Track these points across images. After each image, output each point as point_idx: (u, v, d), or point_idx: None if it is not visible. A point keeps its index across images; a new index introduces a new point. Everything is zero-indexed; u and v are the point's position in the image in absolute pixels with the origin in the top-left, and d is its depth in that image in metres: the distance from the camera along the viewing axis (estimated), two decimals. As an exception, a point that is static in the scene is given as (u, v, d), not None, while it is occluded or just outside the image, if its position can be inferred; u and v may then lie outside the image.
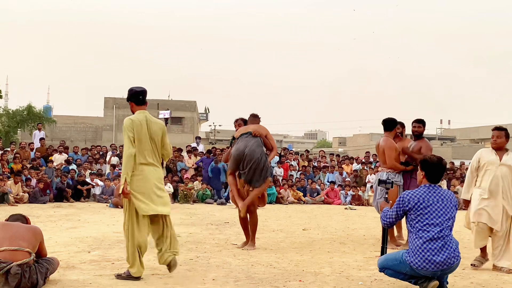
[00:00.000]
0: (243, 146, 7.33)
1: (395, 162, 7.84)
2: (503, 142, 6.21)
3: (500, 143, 6.19)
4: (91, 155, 19.72)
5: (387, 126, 8.05)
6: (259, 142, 7.42)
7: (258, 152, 7.28)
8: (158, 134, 5.42)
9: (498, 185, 6.09)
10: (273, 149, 7.67)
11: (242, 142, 7.40)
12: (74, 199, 16.29)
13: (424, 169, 4.85)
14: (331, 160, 22.06)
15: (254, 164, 7.23)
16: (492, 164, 6.17)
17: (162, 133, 5.45)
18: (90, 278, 5.23)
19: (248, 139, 7.40)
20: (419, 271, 4.60)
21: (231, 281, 5.26)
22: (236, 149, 7.39)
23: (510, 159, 6.14)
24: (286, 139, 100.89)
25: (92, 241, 7.82)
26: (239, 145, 7.40)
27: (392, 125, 8.05)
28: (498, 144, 6.19)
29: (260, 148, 7.37)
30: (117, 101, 46.90)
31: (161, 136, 5.45)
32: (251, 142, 7.35)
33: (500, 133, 6.20)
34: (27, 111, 43.70)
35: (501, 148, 6.20)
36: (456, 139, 64.24)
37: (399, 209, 4.81)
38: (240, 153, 7.30)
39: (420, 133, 8.09)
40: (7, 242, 4.72)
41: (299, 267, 6.10)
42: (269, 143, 7.61)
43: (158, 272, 5.61)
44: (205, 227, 10.01)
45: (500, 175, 6.10)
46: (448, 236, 4.63)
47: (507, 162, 6.13)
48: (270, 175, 7.56)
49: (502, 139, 6.19)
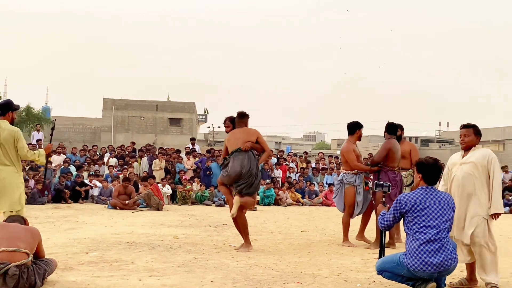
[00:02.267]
0: (239, 168, 7.32)
1: (357, 163, 8.25)
2: (472, 140, 5.43)
3: (469, 142, 5.43)
4: (89, 156, 19.71)
5: (350, 130, 8.41)
6: (252, 157, 7.42)
7: (253, 169, 7.39)
8: (8, 140, 6.24)
9: (458, 187, 5.35)
10: (265, 152, 7.65)
11: (237, 162, 7.36)
12: (73, 200, 16.28)
13: (421, 171, 4.87)
14: (330, 162, 22.09)
15: (249, 179, 7.37)
16: (454, 165, 5.50)
17: (13, 139, 6.27)
18: (88, 279, 5.23)
19: (242, 157, 7.36)
20: (416, 273, 4.61)
21: (229, 283, 5.26)
22: (233, 170, 7.35)
23: (473, 155, 5.37)
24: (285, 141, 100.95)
25: (90, 242, 7.82)
26: (234, 166, 7.36)
27: (354, 128, 8.37)
28: (466, 143, 5.44)
29: (254, 163, 7.42)
30: (116, 103, 46.93)
31: (12, 142, 6.26)
32: (245, 161, 7.34)
33: (467, 130, 5.45)
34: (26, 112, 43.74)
35: (471, 147, 5.44)
36: (454, 141, 64.24)
37: (396, 212, 4.82)
38: (237, 173, 7.34)
39: (400, 136, 8.63)
40: (5, 243, 4.71)
41: (297, 269, 6.09)
42: (260, 147, 7.58)
43: (156, 274, 5.61)
44: (203, 229, 10.00)
45: (461, 176, 5.34)
46: (445, 238, 4.64)
47: (468, 159, 5.37)
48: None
49: (471, 137, 5.43)
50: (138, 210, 14.42)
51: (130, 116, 46.76)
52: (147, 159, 19.30)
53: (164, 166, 18.86)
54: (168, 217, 12.33)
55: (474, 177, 5.30)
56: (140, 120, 46.93)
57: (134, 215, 13.04)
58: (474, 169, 5.32)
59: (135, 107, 47.06)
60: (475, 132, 5.45)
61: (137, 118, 46.93)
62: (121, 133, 45.68)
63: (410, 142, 9.48)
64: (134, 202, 14.89)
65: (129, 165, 18.75)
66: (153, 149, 20.71)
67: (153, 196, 14.68)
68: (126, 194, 15.06)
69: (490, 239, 5.23)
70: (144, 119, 46.91)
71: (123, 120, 46.63)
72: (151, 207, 14.58)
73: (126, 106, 46.93)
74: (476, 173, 5.30)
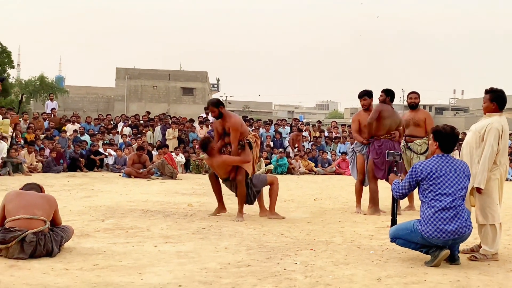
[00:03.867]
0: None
1: (355, 133, 8.44)
2: (487, 106, 5.27)
3: (484, 108, 5.33)
4: (104, 126, 19.81)
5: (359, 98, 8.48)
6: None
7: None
8: None
9: (462, 155, 5.30)
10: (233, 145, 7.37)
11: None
12: (88, 169, 16.44)
13: (437, 139, 4.82)
14: (343, 130, 22.02)
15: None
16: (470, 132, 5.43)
17: None
18: (105, 246, 5.30)
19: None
20: (430, 240, 4.61)
21: (243, 250, 5.31)
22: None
23: (479, 123, 5.27)
24: (298, 110, 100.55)
25: (106, 210, 7.91)
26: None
27: (359, 97, 8.42)
28: (483, 109, 5.36)
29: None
30: (128, 72, 46.86)
31: None
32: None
33: (485, 96, 5.33)
34: (40, 81, 43.88)
35: (486, 113, 5.29)
36: (469, 109, 63.68)
37: (412, 180, 4.80)
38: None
39: (415, 104, 8.66)
40: (22, 210, 4.78)
41: (310, 236, 6.13)
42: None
43: (171, 241, 5.67)
44: (217, 197, 10.06)
45: (467, 141, 5.30)
46: (460, 206, 4.63)
47: (472, 128, 5.32)
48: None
49: (486, 104, 5.30)
50: (152, 178, 14.54)
51: (143, 85, 46.74)
52: (161, 128, 19.36)
53: (178, 135, 18.92)
54: (182, 186, 12.42)
55: (471, 146, 5.21)
56: (153, 89, 46.90)
57: (148, 183, 13.16)
58: (472, 138, 5.23)
59: (148, 76, 46.98)
60: (491, 98, 5.27)
61: (150, 87, 46.90)
62: (134, 102, 45.74)
63: (424, 111, 9.35)
64: (148, 171, 15.01)
65: (142, 134, 18.84)
66: (166, 118, 20.76)
67: (167, 165, 14.78)
68: (140, 163, 15.17)
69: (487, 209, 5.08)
70: (157, 89, 46.87)
71: (136, 90, 46.64)
72: (165, 175, 14.69)
73: (139, 75, 46.87)
74: (473, 142, 5.20)
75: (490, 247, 5.06)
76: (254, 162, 7.63)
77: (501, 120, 5.18)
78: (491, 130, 5.09)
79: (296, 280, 4.18)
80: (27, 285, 3.87)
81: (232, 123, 7.33)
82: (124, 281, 4.03)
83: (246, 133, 7.53)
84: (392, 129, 8.09)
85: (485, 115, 5.32)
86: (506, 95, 5.35)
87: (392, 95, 8.24)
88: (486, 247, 5.08)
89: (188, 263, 4.70)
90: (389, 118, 8.04)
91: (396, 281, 4.21)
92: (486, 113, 5.29)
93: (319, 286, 4.02)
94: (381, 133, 8.05)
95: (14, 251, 4.60)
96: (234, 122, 7.34)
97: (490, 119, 5.19)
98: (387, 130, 8.05)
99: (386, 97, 8.16)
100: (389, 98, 8.18)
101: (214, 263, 4.71)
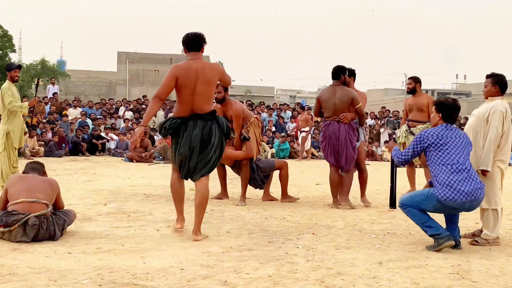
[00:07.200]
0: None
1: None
2: (489, 91, 5.26)
3: (485, 92, 5.31)
4: (106, 110, 19.78)
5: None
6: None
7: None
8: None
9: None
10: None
11: None
12: (89, 153, 16.46)
13: (441, 111, 4.91)
14: (345, 115, 21.91)
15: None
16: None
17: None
18: (107, 230, 5.32)
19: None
20: (447, 203, 4.62)
21: (245, 234, 5.32)
22: None
23: (482, 107, 5.28)
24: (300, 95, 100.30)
25: (108, 194, 7.93)
26: None
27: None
28: (485, 94, 5.34)
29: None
30: (130, 56, 46.77)
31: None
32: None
33: (486, 80, 5.31)
34: (41, 65, 43.84)
35: (488, 97, 5.30)
36: (471, 94, 63.47)
37: (417, 146, 4.88)
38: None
39: (410, 89, 8.51)
40: (24, 194, 4.79)
41: (312, 221, 6.15)
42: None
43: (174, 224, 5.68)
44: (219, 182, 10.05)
45: (466, 128, 5.34)
46: (471, 169, 4.71)
47: (475, 112, 5.30)
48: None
49: (488, 87, 5.27)
50: (154, 163, 14.55)
51: (145, 69, 46.65)
52: (163, 112, 19.34)
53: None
54: (184, 170, 12.40)
55: (474, 130, 5.20)
56: (154, 73, 46.79)
57: (150, 168, 13.17)
58: (475, 122, 5.22)
59: (150, 60, 46.85)
60: (492, 82, 5.25)
61: (152, 71, 46.79)
62: (136, 86, 45.69)
63: (428, 95, 9.33)
64: (150, 155, 15.02)
65: (144, 119, 18.81)
66: (169, 102, 20.71)
67: (169, 149, 14.76)
68: (142, 147, 15.18)
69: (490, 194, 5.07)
70: (159, 73, 46.75)
71: (137, 74, 46.57)
72: (167, 160, 14.70)
73: (141, 60, 46.77)
74: (477, 126, 5.18)
75: (491, 232, 5.08)
76: (258, 144, 7.62)
77: (503, 103, 5.20)
78: (495, 112, 5.10)
79: (298, 264, 4.19)
80: (30, 268, 3.89)
81: (234, 110, 7.32)
82: (126, 265, 4.05)
83: (249, 116, 7.52)
84: (340, 110, 7.12)
85: (486, 99, 5.32)
86: (507, 80, 5.38)
87: (340, 72, 7.27)
88: (488, 232, 5.10)
89: (190, 246, 4.72)
90: (329, 99, 7.18)
91: (397, 265, 4.22)
92: (488, 97, 5.29)
93: (321, 270, 4.03)
94: (327, 115, 7.31)
95: (17, 234, 4.62)
96: (236, 110, 7.33)
97: (493, 103, 5.19)
98: (332, 111, 7.21)
99: (332, 80, 7.34)
100: (343, 77, 7.31)
101: (216, 247, 4.72)
